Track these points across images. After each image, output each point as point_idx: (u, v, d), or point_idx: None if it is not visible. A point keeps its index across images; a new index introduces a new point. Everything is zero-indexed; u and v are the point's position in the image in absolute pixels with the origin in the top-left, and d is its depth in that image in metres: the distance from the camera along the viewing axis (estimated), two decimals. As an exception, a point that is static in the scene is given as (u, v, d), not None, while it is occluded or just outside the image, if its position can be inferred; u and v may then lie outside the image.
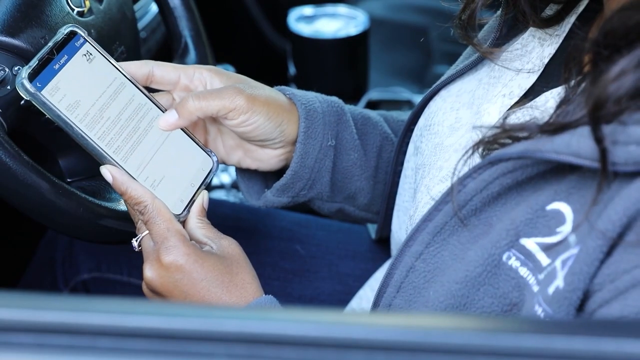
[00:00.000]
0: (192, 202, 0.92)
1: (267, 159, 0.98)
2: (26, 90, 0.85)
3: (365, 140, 1.03)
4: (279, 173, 0.99)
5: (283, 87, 1.00)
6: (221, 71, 0.97)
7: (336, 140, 1.00)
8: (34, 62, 0.87)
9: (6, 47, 0.95)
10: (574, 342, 0.56)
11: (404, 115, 1.09)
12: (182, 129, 0.94)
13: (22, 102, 0.93)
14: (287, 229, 1.22)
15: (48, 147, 1.03)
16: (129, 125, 0.91)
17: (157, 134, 0.92)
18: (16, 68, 0.94)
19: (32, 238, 1.30)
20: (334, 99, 1.03)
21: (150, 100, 0.93)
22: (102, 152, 0.88)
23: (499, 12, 0.92)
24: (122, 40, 1.09)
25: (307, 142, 0.97)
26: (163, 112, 0.93)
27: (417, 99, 1.00)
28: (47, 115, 0.87)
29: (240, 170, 1.01)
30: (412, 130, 0.99)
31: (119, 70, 0.92)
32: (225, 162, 0.99)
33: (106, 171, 0.88)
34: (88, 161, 1.02)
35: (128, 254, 1.15)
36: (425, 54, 2.00)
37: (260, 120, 0.93)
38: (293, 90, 1.00)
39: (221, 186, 1.48)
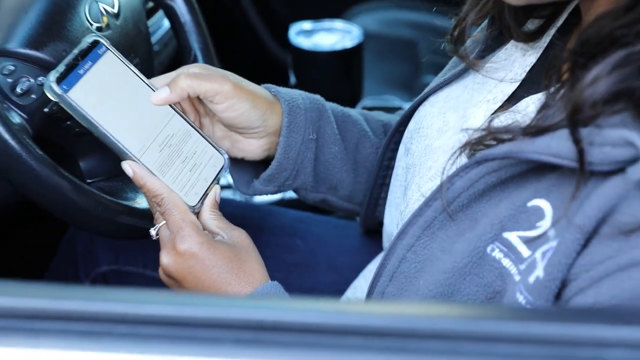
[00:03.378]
0: (205, 195, 0.92)
1: (250, 149, 0.98)
2: (54, 92, 0.86)
3: (345, 136, 1.03)
4: (267, 166, 0.99)
5: (269, 84, 1.01)
6: (205, 65, 0.99)
7: (317, 134, 1.00)
8: (61, 67, 0.87)
9: (31, 59, 0.95)
10: (551, 328, 0.56)
11: (383, 116, 1.10)
12: (196, 130, 0.94)
13: (46, 109, 0.93)
14: (289, 225, 1.22)
15: (69, 151, 1.03)
16: (147, 123, 0.90)
17: (173, 131, 0.92)
18: (40, 79, 0.94)
19: (55, 234, 1.30)
20: (317, 96, 1.03)
21: None
22: (123, 148, 0.88)
23: (483, 25, 0.92)
24: (137, 53, 1.09)
25: (289, 135, 0.97)
26: (173, 108, 0.93)
27: (407, 105, 1.00)
28: (73, 115, 0.87)
29: (232, 163, 1.01)
30: (400, 132, 0.98)
31: (137, 75, 0.92)
32: None
33: (127, 166, 0.88)
34: (106, 163, 1.02)
35: (143, 248, 1.16)
36: (414, 65, 2.00)
37: (244, 107, 0.93)
38: (278, 87, 1.00)
39: (229, 186, 1.48)
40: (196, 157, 0.93)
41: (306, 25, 1.87)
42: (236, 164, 1.01)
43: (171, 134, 0.92)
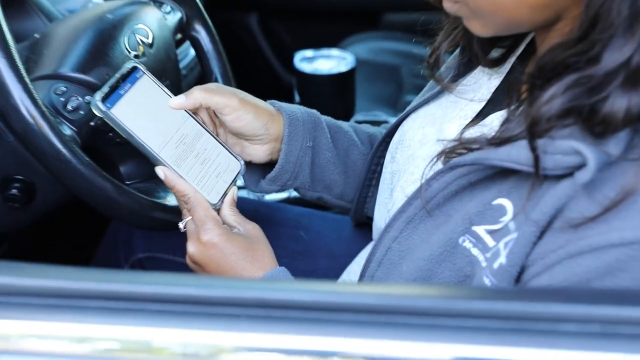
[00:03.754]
0: (225, 195, 0.92)
1: (256, 153, 0.98)
2: (99, 109, 0.85)
3: (337, 144, 1.03)
4: (272, 169, 0.99)
5: (274, 100, 1.00)
6: (222, 85, 0.99)
7: (314, 142, 1.00)
8: (105, 88, 0.87)
9: (80, 82, 0.95)
10: (514, 306, 0.56)
11: (370, 128, 1.10)
12: (217, 140, 0.94)
13: (92, 122, 0.93)
14: (294, 219, 1.21)
15: (111, 158, 1.02)
16: (177, 135, 0.90)
17: (199, 141, 0.92)
18: (87, 98, 0.93)
19: (99, 227, 1.30)
20: (313, 111, 1.03)
21: (192, 117, 0.93)
22: (157, 156, 0.88)
23: (455, 53, 0.92)
24: (167, 76, 1.08)
25: (290, 143, 0.97)
26: (200, 124, 0.93)
27: (393, 120, 1.00)
28: (114, 128, 0.87)
29: None
30: (387, 143, 0.98)
31: (168, 94, 0.92)
32: None
33: (160, 171, 0.88)
34: (142, 168, 1.02)
35: (173, 238, 1.15)
36: (398, 86, 2.00)
37: (249, 118, 0.93)
38: (280, 103, 1.00)
39: (244, 187, 1.47)
40: (217, 163, 0.93)
41: (308, 53, 1.87)
42: (246, 167, 1.01)
43: (197, 144, 0.92)
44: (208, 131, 0.93)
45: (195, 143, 0.92)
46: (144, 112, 0.89)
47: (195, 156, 0.91)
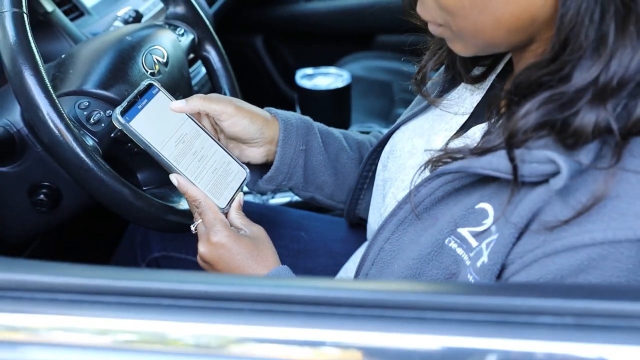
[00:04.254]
0: (232, 200, 0.92)
1: (253, 155, 0.98)
2: (119, 122, 0.85)
3: (328, 148, 1.03)
4: (268, 170, 0.99)
5: (270, 107, 1.01)
6: (220, 95, 0.98)
7: (306, 146, 0.99)
8: (124, 103, 0.87)
9: (102, 97, 0.95)
10: (495, 300, 0.56)
11: (358, 135, 1.09)
12: (225, 150, 0.94)
13: (113, 134, 0.93)
14: (295, 220, 1.21)
15: (130, 166, 1.02)
16: (189, 145, 0.90)
17: (209, 152, 0.92)
18: (108, 112, 0.93)
19: (119, 229, 1.29)
20: (306, 117, 1.03)
21: (202, 129, 0.93)
22: (171, 164, 0.88)
23: (440, 71, 0.92)
24: (180, 92, 1.08)
25: (284, 146, 0.97)
26: (210, 136, 0.93)
27: (385, 131, 1.00)
28: (133, 139, 0.87)
29: None
30: (378, 152, 0.98)
31: None
32: None
33: (174, 178, 0.88)
34: (158, 175, 1.02)
35: (185, 239, 1.15)
36: (389, 101, 2.00)
37: (244, 123, 0.93)
38: (276, 110, 1.00)
39: (250, 191, 1.47)
40: (225, 171, 0.92)
41: (308, 70, 1.88)
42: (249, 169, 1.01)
43: (207, 154, 0.91)
44: (217, 143, 0.93)
45: (207, 154, 0.92)
46: (160, 124, 0.89)
47: (205, 165, 0.91)
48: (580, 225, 0.63)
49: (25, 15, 0.86)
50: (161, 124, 0.89)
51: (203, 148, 0.91)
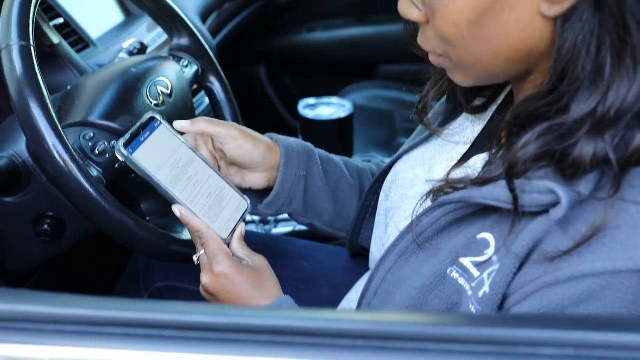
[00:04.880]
0: (234, 230, 0.92)
1: (255, 180, 0.98)
2: (122, 154, 0.86)
3: (328, 175, 1.03)
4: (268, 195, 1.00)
5: (272, 133, 1.01)
6: (213, 119, 0.98)
7: (307, 172, 1.00)
8: (127, 136, 0.88)
9: (106, 128, 0.96)
10: (496, 331, 0.56)
11: (359, 162, 1.10)
12: (227, 182, 0.94)
13: (117, 165, 0.94)
14: (297, 251, 1.21)
15: (133, 196, 1.03)
16: (191, 179, 0.91)
17: (210, 183, 0.92)
18: (112, 143, 0.94)
19: (122, 258, 1.29)
20: (307, 144, 1.04)
21: (204, 161, 0.93)
22: (173, 196, 0.88)
23: (442, 101, 0.92)
24: (184, 122, 1.09)
25: (285, 171, 0.98)
26: (213, 169, 0.93)
27: (387, 161, 1.00)
28: (136, 171, 0.87)
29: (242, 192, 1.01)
30: (380, 182, 0.98)
31: (183, 142, 0.93)
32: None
33: (176, 209, 0.88)
34: (161, 205, 1.02)
35: (188, 269, 1.14)
36: (392, 130, 2.00)
37: (248, 147, 0.94)
38: (278, 135, 1.01)
39: (252, 221, 1.48)
40: (227, 202, 0.93)
41: (311, 100, 1.89)
42: (245, 193, 1.01)
43: (209, 185, 0.92)
44: (219, 175, 0.94)
45: (208, 185, 0.92)
46: (162, 157, 0.89)
47: (207, 196, 0.91)
48: (581, 255, 0.63)
49: (32, 48, 0.87)
50: (163, 156, 0.90)
51: (197, 173, 0.92)
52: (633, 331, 0.54)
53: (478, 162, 0.80)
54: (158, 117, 0.92)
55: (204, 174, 0.92)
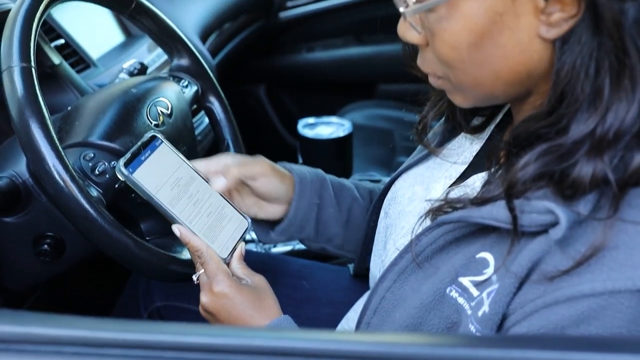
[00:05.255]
0: (234, 249, 0.92)
1: (273, 211, 0.99)
2: (122, 173, 0.86)
3: (340, 200, 1.03)
4: (280, 221, 1.00)
5: (284, 163, 1.02)
6: (236, 154, 1.00)
7: (319, 199, 1.00)
8: (128, 155, 0.88)
9: (107, 148, 0.96)
10: (496, 352, 0.56)
11: (369, 184, 1.10)
12: (227, 201, 0.94)
13: (117, 185, 0.94)
14: (297, 270, 1.21)
15: (133, 216, 1.03)
16: (192, 198, 0.91)
17: (211, 202, 0.92)
18: (112, 163, 0.94)
19: (121, 278, 1.29)
20: (319, 171, 1.04)
21: (205, 180, 0.93)
22: (173, 215, 0.88)
23: (441, 121, 0.93)
24: (184, 142, 1.09)
25: (299, 200, 0.98)
26: (204, 179, 0.93)
27: (386, 179, 1.00)
28: (136, 191, 0.87)
29: (256, 221, 1.02)
30: (382, 200, 0.98)
31: (184, 161, 0.93)
32: (245, 215, 0.99)
33: (176, 228, 0.88)
34: (160, 225, 1.02)
35: (187, 289, 1.14)
36: (391, 149, 2.01)
37: (276, 182, 0.95)
38: (291, 165, 1.02)
39: (252, 241, 1.47)
40: (227, 221, 0.93)
41: (310, 120, 1.89)
42: (259, 221, 1.01)
43: (209, 204, 0.92)
44: (220, 194, 0.94)
45: (209, 204, 0.92)
46: (162, 176, 0.90)
47: (207, 215, 0.91)
48: (580, 275, 0.63)
49: (33, 70, 0.87)
50: (164, 175, 0.90)
51: (198, 192, 0.92)
52: (632, 352, 0.54)
53: (477, 181, 0.81)
54: (159, 135, 0.92)
55: (204, 192, 0.92)
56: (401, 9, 0.72)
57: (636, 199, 0.64)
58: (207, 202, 0.92)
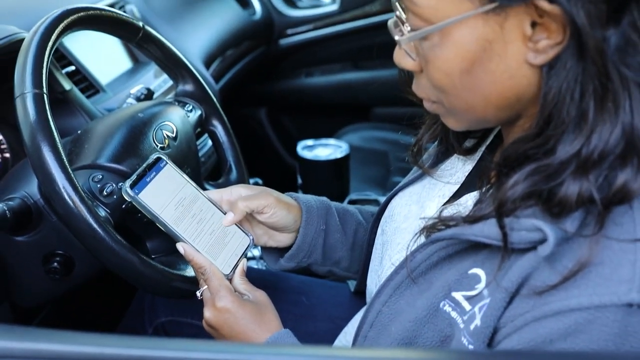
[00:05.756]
0: (236, 266, 0.92)
1: (283, 240, 0.99)
2: (129, 194, 0.86)
3: (345, 225, 1.04)
4: (289, 248, 1.00)
5: (291, 192, 1.02)
6: (248, 185, 0.99)
7: (326, 226, 1.00)
8: (134, 177, 0.88)
9: (114, 170, 0.96)
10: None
11: (373, 208, 1.10)
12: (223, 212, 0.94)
13: (124, 205, 0.94)
14: (296, 286, 1.21)
15: (139, 235, 1.03)
16: (195, 216, 0.91)
17: (214, 220, 0.92)
18: (119, 184, 0.94)
19: (127, 295, 1.29)
20: (324, 198, 1.04)
21: (209, 200, 0.93)
22: (177, 233, 0.88)
23: (435, 144, 0.93)
24: (188, 164, 1.10)
25: (307, 227, 0.98)
26: (217, 207, 0.94)
27: (382, 199, 1.01)
28: (142, 211, 0.87)
29: (265, 248, 1.02)
30: (379, 219, 0.98)
31: (188, 181, 0.93)
32: (256, 244, 0.99)
33: (180, 247, 0.89)
34: (165, 243, 1.02)
35: (191, 304, 1.14)
36: (386, 170, 2.01)
37: (283, 214, 0.95)
38: (297, 195, 1.02)
39: (253, 258, 1.47)
40: (229, 239, 0.93)
41: (309, 142, 1.90)
42: (267, 247, 1.02)
43: (212, 223, 0.92)
44: (223, 211, 0.94)
45: (212, 223, 0.92)
46: (167, 196, 0.90)
47: (210, 233, 0.91)
48: (567, 290, 0.63)
49: (45, 96, 0.88)
50: (168, 196, 0.90)
51: (201, 211, 0.92)
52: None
53: (469, 200, 0.81)
54: (164, 157, 0.92)
55: (207, 211, 0.93)
56: (396, 37, 0.73)
57: (620, 217, 0.64)
58: (210, 221, 0.92)
